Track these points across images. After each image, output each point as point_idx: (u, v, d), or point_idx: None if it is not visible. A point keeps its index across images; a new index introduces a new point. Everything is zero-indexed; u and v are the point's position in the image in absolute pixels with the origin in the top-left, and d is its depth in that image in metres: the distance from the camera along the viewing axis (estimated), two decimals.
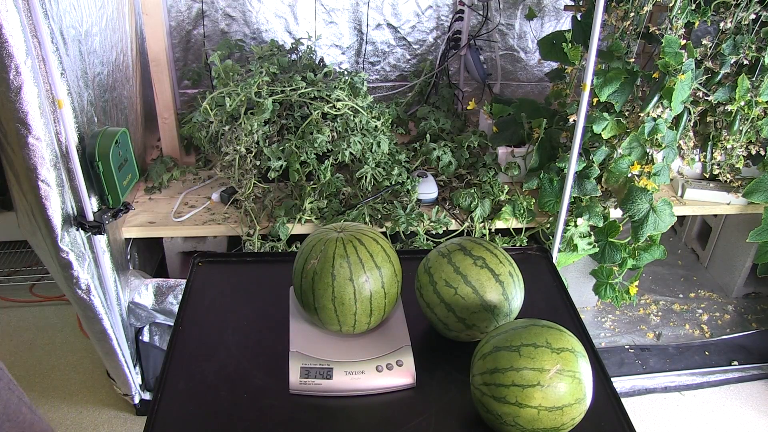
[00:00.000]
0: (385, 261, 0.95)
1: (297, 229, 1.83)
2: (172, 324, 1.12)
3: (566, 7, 2.27)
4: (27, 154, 1.33)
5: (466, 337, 0.99)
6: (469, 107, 2.42)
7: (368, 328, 0.98)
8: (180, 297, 1.76)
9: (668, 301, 2.46)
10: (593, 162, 1.92)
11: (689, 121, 1.95)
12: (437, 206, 1.92)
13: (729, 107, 1.87)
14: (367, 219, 1.83)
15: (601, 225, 1.92)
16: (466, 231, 1.91)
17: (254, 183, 1.89)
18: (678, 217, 1.96)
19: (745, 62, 1.82)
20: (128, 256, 1.85)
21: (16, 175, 1.45)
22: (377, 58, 2.54)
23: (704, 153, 2.05)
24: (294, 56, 2.20)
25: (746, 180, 2.01)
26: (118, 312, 1.71)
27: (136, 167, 1.67)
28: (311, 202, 1.83)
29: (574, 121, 1.77)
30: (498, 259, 0.97)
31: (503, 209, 1.90)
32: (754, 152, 1.98)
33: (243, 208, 1.85)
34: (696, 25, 1.80)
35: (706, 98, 1.90)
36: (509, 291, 0.96)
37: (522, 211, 1.91)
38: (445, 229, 1.88)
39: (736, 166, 2.01)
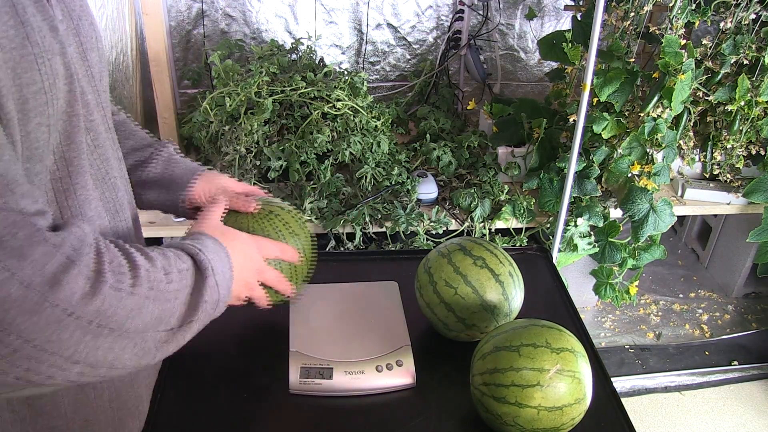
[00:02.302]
0: (300, 229, 0.95)
1: None
2: None
3: (566, 7, 2.27)
4: None
5: (466, 337, 0.99)
6: (469, 107, 2.41)
7: (297, 292, 0.96)
8: None
9: (668, 301, 2.46)
10: (593, 162, 1.92)
11: (689, 121, 1.95)
12: (437, 206, 1.92)
13: (729, 107, 1.87)
14: (367, 219, 1.83)
15: (601, 225, 1.92)
16: (466, 231, 1.91)
17: (254, 183, 1.89)
18: (678, 217, 1.96)
19: (745, 62, 1.82)
20: None
21: None
22: (377, 58, 2.54)
23: (704, 153, 2.05)
24: (294, 56, 2.20)
25: (746, 180, 2.01)
26: None
27: None
28: (311, 202, 1.83)
29: (574, 121, 1.77)
30: (498, 259, 0.98)
31: (503, 209, 1.90)
32: (754, 152, 1.98)
33: None
34: (696, 25, 1.80)
35: (706, 98, 1.90)
36: (509, 291, 0.96)
37: (522, 211, 1.91)
38: (445, 229, 1.88)
39: (736, 166, 2.01)
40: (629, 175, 1.90)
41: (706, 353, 2.24)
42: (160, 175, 0.92)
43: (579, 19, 1.93)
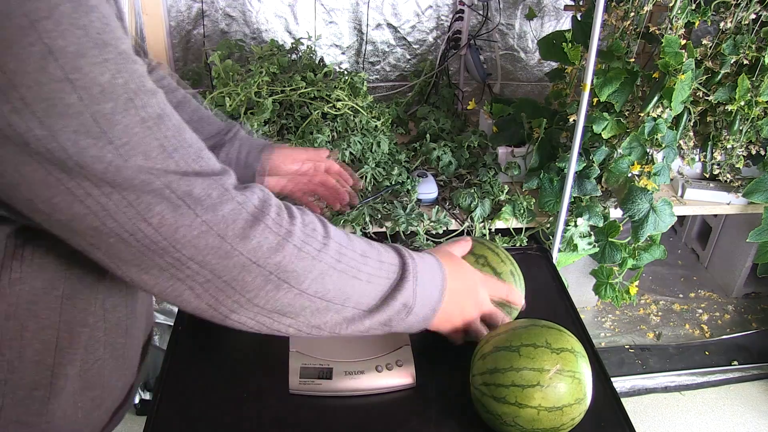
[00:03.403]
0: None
1: None
2: (172, 324, 1.11)
3: (566, 7, 2.27)
4: None
5: (466, 337, 0.99)
6: (469, 107, 2.42)
7: None
8: None
9: (668, 301, 2.46)
10: (593, 162, 1.92)
11: (689, 121, 1.95)
12: (437, 206, 1.92)
13: (729, 107, 1.87)
14: (367, 219, 1.83)
15: (601, 225, 1.92)
16: (466, 231, 1.91)
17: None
18: (678, 217, 1.96)
19: (745, 62, 1.82)
20: None
21: None
22: (377, 58, 2.54)
23: (704, 153, 2.05)
24: (294, 56, 2.20)
25: (746, 180, 2.01)
26: None
27: None
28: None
29: (574, 121, 1.77)
30: (500, 258, 0.97)
31: (503, 209, 1.90)
32: (754, 152, 1.98)
33: None
34: (696, 25, 1.80)
35: (706, 98, 1.90)
36: None
37: (522, 211, 1.91)
38: (445, 229, 1.88)
39: (736, 166, 2.01)
40: (629, 175, 1.90)
41: (706, 353, 2.24)
42: (238, 154, 1.02)
43: (579, 19, 1.93)
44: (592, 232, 1.94)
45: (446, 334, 0.87)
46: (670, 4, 1.75)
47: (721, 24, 1.80)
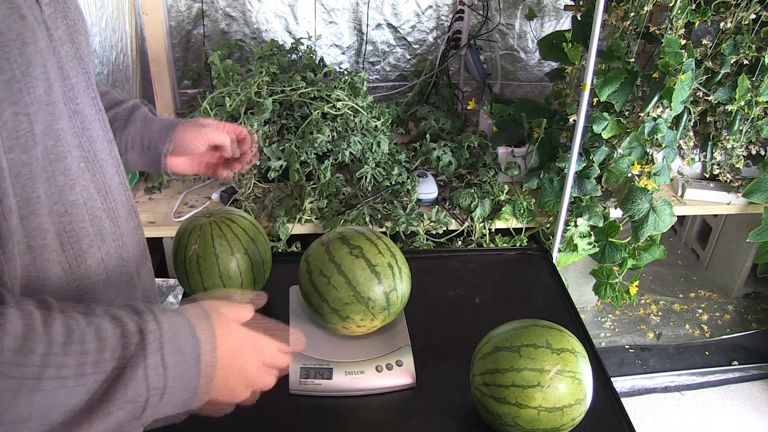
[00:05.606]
0: (258, 233, 1.07)
1: (297, 229, 1.83)
2: None
3: (566, 7, 2.27)
4: None
5: (344, 331, 0.96)
6: (469, 107, 2.41)
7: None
8: (180, 297, 1.77)
9: (668, 301, 2.46)
10: (593, 162, 1.92)
11: (689, 121, 1.95)
12: (437, 206, 1.92)
13: (729, 107, 1.87)
14: (367, 219, 1.83)
15: (601, 225, 1.92)
16: (466, 231, 1.91)
17: (254, 183, 1.89)
18: (678, 217, 1.96)
19: (745, 62, 1.82)
20: None
21: None
22: (377, 58, 2.54)
23: (704, 153, 2.05)
24: (294, 56, 2.20)
25: (746, 180, 2.01)
26: None
27: None
28: (311, 202, 1.83)
29: (574, 121, 1.77)
30: (377, 249, 0.94)
31: (503, 209, 1.90)
32: (754, 152, 1.98)
33: (243, 208, 1.85)
34: (696, 25, 1.80)
35: (706, 98, 1.90)
36: (387, 283, 0.92)
37: (522, 211, 1.91)
38: (445, 229, 1.88)
39: (736, 166, 2.01)
40: (629, 175, 1.90)
41: (706, 353, 2.24)
42: (139, 136, 0.95)
43: (579, 19, 1.93)
44: (592, 232, 1.94)
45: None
46: (670, 4, 1.75)
47: (721, 24, 1.80)
